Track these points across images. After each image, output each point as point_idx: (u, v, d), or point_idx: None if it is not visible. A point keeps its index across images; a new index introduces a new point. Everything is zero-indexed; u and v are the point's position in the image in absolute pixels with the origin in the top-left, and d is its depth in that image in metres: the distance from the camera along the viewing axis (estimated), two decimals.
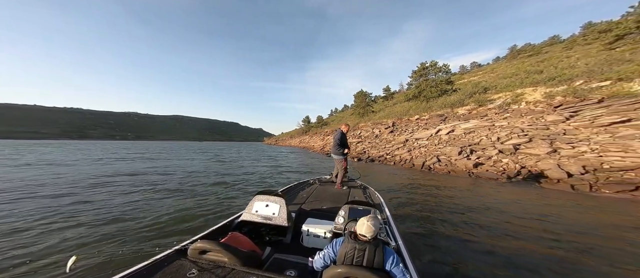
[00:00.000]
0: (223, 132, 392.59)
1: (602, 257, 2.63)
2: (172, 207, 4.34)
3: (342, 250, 1.46)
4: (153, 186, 6.29)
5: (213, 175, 8.54)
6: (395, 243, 1.98)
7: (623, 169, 6.14)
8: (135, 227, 3.38)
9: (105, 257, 2.25)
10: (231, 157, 17.84)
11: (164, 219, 3.70)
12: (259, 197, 2.42)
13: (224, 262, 1.57)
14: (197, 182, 7.17)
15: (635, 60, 11.50)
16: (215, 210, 4.26)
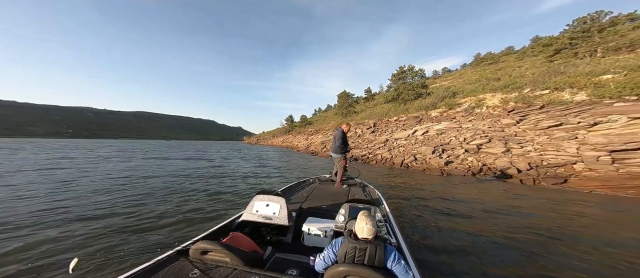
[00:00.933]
0: (197, 131, 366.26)
1: (527, 228, 3.43)
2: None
3: (342, 250, 1.47)
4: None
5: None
6: (395, 241, 2.01)
7: (557, 165, 7.58)
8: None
9: (106, 259, 2.26)
10: (197, 158, 16.56)
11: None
12: (259, 197, 2.43)
13: (226, 262, 1.57)
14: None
15: (566, 72, 13.92)
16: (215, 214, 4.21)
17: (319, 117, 52.32)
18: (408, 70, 21.79)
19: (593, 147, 7.62)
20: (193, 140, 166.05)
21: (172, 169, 10.05)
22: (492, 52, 40.03)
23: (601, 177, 6.50)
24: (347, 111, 28.56)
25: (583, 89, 11.19)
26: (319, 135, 30.47)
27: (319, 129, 33.64)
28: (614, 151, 7.16)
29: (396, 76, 22.56)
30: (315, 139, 28.43)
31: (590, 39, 18.01)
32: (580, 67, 14.19)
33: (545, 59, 20.23)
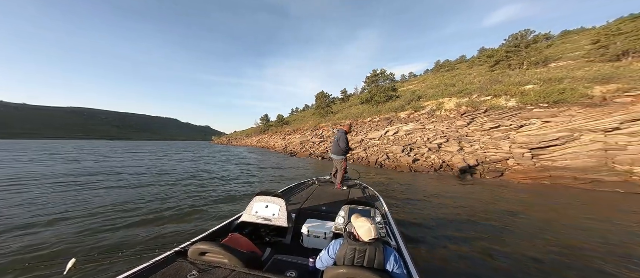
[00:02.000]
0: (155, 130, 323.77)
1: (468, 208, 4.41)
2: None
3: (341, 252, 1.48)
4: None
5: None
6: (395, 243, 2.01)
7: (496, 161, 9.36)
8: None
9: (104, 259, 2.24)
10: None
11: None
12: (259, 198, 2.41)
13: (225, 264, 1.56)
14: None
15: (503, 81, 16.87)
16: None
17: (296, 116, 52.09)
18: (380, 74, 23.51)
19: (520, 146, 9.63)
20: (149, 140, 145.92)
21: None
22: (449, 60, 45.75)
23: (525, 170, 8.32)
24: (325, 111, 29.29)
25: (514, 97, 13.81)
26: (297, 135, 30.51)
27: (297, 129, 33.62)
28: (533, 149, 9.19)
29: (370, 79, 24.12)
30: (294, 139, 28.43)
31: (519, 53, 22.05)
32: (512, 77, 17.37)
33: (488, 68, 24.07)
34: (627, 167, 7.05)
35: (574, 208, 5.02)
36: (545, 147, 9.01)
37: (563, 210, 4.92)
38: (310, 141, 23.30)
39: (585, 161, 7.73)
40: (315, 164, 13.59)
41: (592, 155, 7.80)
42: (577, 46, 25.14)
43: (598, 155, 7.71)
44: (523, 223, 4.02)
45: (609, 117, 8.96)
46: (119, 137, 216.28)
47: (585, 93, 11.32)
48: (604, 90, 11.29)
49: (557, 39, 34.45)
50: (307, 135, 26.66)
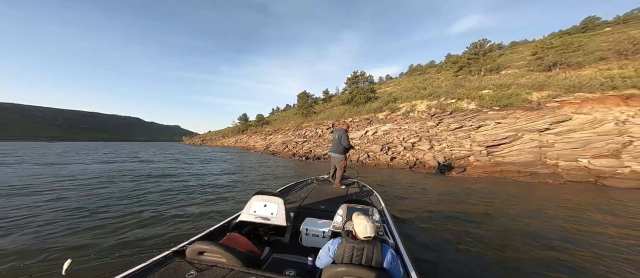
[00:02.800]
0: (111, 130, 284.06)
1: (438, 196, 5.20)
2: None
3: (340, 250, 1.50)
4: None
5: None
6: (393, 241, 2.03)
7: (460, 158, 10.72)
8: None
9: (101, 259, 2.20)
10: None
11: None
12: (257, 197, 2.40)
13: (223, 263, 1.56)
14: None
15: (465, 86, 19.09)
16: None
17: (277, 116, 51.10)
18: (360, 75, 24.54)
19: (478, 144, 11.17)
20: (103, 141, 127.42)
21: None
22: (421, 65, 49.57)
23: (482, 165, 9.73)
24: (307, 111, 29.46)
25: (473, 100, 15.79)
26: (278, 135, 30.11)
27: (278, 128, 33.14)
28: (488, 146, 10.76)
29: (351, 80, 25.01)
30: (275, 139, 28.04)
31: (478, 60, 25.05)
32: (472, 82, 19.73)
33: (453, 73, 26.84)
34: (554, 161, 8.78)
35: (515, 198, 6.19)
36: (497, 145, 10.63)
37: (505, 198, 6.04)
38: (292, 141, 23.30)
39: (526, 157, 9.38)
40: (299, 164, 13.78)
41: (530, 152, 9.50)
42: (521, 56, 29.49)
43: (534, 152, 9.42)
44: (475, 210, 4.86)
45: (541, 119, 10.94)
46: (63, 137, 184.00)
47: (526, 98, 13.53)
48: (539, 95, 13.63)
49: (507, 48, 39.87)
50: (289, 135, 26.54)
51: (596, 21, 37.41)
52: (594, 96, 11.42)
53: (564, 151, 9.01)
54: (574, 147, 9.03)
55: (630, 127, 8.93)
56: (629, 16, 35.14)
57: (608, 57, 17.69)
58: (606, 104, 10.69)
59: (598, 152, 8.45)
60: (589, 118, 10.12)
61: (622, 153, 8.12)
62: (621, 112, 9.94)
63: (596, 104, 10.88)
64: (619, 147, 8.30)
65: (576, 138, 9.37)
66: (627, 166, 7.59)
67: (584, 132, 9.49)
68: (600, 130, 9.30)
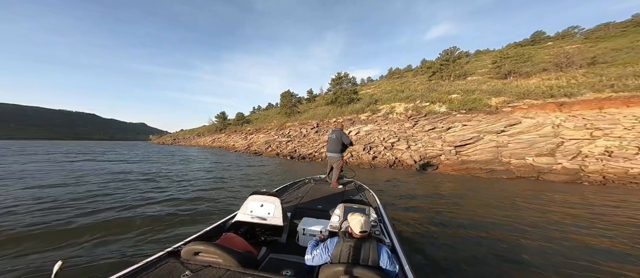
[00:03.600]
0: (59, 128, 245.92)
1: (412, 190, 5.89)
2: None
3: (336, 249, 1.52)
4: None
5: None
6: (389, 241, 2.05)
7: (433, 157, 11.87)
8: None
9: (93, 261, 2.10)
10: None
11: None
12: (254, 197, 2.39)
13: (219, 263, 1.54)
14: None
15: (437, 90, 20.91)
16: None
17: (259, 115, 49.68)
18: (344, 76, 25.21)
19: (448, 144, 12.47)
20: (46, 139, 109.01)
21: None
22: (399, 68, 52.45)
23: (451, 163, 10.95)
24: (291, 111, 29.29)
25: (444, 104, 17.44)
26: (260, 134, 29.47)
27: (259, 128, 32.37)
28: (456, 146, 12.09)
29: (335, 81, 25.54)
30: (257, 139, 27.42)
31: (448, 66, 27.50)
32: (444, 87, 21.68)
33: (427, 78, 29.07)
34: (507, 159, 10.29)
35: (475, 191, 7.21)
36: (464, 145, 12.01)
37: (468, 191, 7.01)
38: (276, 140, 23.08)
39: (486, 155, 10.81)
40: (285, 163, 13.83)
41: (489, 151, 10.96)
42: (484, 64, 33.08)
43: (493, 151, 10.90)
44: (445, 201, 5.61)
45: (498, 122, 12.63)
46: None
47: (487, 103, 15.41)
48: (497, 101, 15.63)
49: (473, 56, 44.28)
50: (272, 135, 26.18)
51: (542, 35, 43.50)
52: (538, 103, 13.53)
53: (515, 150, 10.61)
54: (522, 147, 10.68)
55: (562, 130, 10.86)
56: (566, 32, 41.54)
57: (549, 68, 20.88)
58: (546, 109, 12.75)
59: (539, 151, 10.14)
60: (534, 122, 12.00)
61: (556, 152, 9.89)
62: (556, 117, 11.98)
63: (539, 110, 12.92)
64: (554, 147, 10.08)
65: (524, 139, 11.07)
66: (559, 163, 9.29)
67: (530, 134, 11.25)
68: (541, 132, 11.13)
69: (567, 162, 9.28)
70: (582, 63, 19.71)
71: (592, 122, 10.80)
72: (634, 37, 24.82)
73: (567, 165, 9.10)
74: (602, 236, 3.74)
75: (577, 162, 9.17)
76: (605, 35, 30.92)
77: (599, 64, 19.29)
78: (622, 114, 10.65)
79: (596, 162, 8.90)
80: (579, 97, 12.86)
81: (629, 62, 16.87)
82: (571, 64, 19.75)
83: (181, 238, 1.93)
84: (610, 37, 29.24)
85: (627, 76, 13.44)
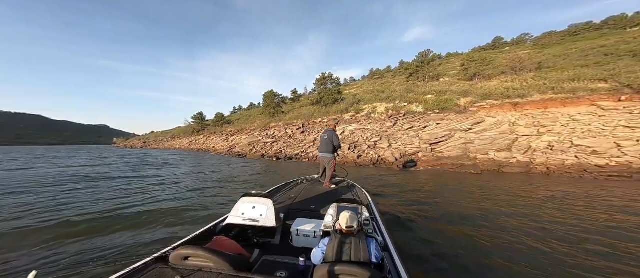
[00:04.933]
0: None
1: (392, 185, 6.53)
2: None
3: (329, 247, 1.56)
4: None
5: None
6: (382, 239, 2.06)
7: (411, 154, 12.88)
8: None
9: (71, 270, 1.97)
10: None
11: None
12: (245, 199, 2.34)
13: (210, 267, 1.50)
14: None
15: (414, 91, 22.45)
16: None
17: (240, 115, 47.86)
18: (328, 77, 25.62)
19: (425, 142, 13.62)
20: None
21: None
22: (380, 69, 54.60)
23: (428, 160, 12.03)
24: (275, 111, 28.87)
25: (421, 104, 18.86)
26: (243, 135, 28.62)
27: (241, 128, 31.37)
28: (432, 143, 13.28)
29: (319, 81, 25.83)
30: (240, 140, 26.63)
31: (424, 68, 29.55)
32: (420, 88, 23.33)
33: (405, 79, 30.91)
34: (474, 155, 11.66)
35: (446, 184, 8.16)
36: (438, 143, 13.24)
37: (440, 183, 7.92)
38: (260, 141, 22.71)
39: (456, 152, 12.09)
40: (272, 165, 13.81)
41: (459, 148, 12.28)
42: (454, 66, 36.17)
43: (462, 148, 12.23)
44: (425, 194, 6.33)
45: (466, 121, 14.13)
46: None
47: (457, 103, 17.06)
48: (465, 101, 17.38)
49: (444, 59, 47.96)
50: (255, 135, 25.64)
51: (501, 41, 48.76)
52: (497, 103, 15.40)
53: (480, 147, 12.04)
54: (486, 143, 12.16)
55: (517, 128, 12.61)
56: (519, 39, 47.24)
57: (506, 71, 23.67)
58: (504, 109, 14.61)
59: (499, 147, 11.67)
60: (495, 120, 13.69)
61: (512, 147, 11.49)
62: (512, 116, 13.82)
63: (498, 109, 14.74)
64: (511, 143, 11.69)
65: (487, 136, 12.60)
66: (515, 157, 10.83)
67: (492, 132, 12.84)
68: (501, 130, 12.78)
69: (521, 155, 10.86)
70: (532, 67, 22.74)
71: (539, 120, 12.71)
72: (569, 46, 29.27)
73: (521, 159, 10.67)
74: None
75: (528, 156, 10.79)
76: (549, 43, 35.87)
77: (544, 68, 22.44)
78: (560, 112, 12.71)
79: (542, 155, 10.58)
80: (529, 98, 14.94)
81: (565, 67, 19.97)
82: (524, 68, 22.65)
83: (168, 244, 1.85)
84: (552, 45, 34.05)
85: (564, 80, 15.97)
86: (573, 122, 11.84)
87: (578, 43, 29.73)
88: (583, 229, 3.96)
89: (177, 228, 3.86)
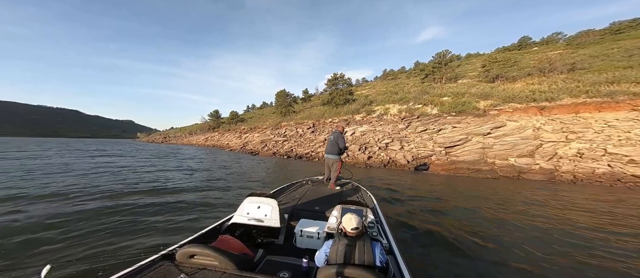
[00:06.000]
0: (36, 123, 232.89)
1: (405, 187, 6.42)
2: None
3: (332, 249, 1.54)
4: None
5: None
6: (387, 242, 2.05)
7: (424, 157, 12.54)
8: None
9: (83, 264, 2.05)
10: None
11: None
12: (250, 199, 2.38)
13: (215, 266, 1.53)
14: None
15: (429, 92, 21.73)
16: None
17: (253, 114, 49.46)
18: (340, 77, 25.67)
19: (439, 145, 13.18)
20: (19, 136, 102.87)
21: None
22: (393, 70, 53.48)
23: (442, 163, 11.64)
24: (286, 110, 29.48)
25: (436, 106, 18.22)
26: (255, 133, 29.53)
27: (254, 127, 32.38)
28: (447, 147, 12.82)
29: (331, 81, 25.97)
30: (252, 138, 27.50)
31: (441, 69, 28.46)
32: (436, 89, 22.53)
33: (420, 80, 29.98)
34: (492, 160, 11.08)
35: (460, 188, 7.86)
36: (453, 146, 12.75)
37: (456, 188, 7.65)
38: (272, 140, 23.29)
39: (473, 156, 11.56)
40: (283, 163, 14.15)
41: (476, 152, 11.73)
42: (474, 67, 34.42)
43: (479, 152, 11.67)
44: (439, 198, 6.19)
45: (485, 125, 13.45)
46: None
47: (475, 106, 16.27)
48: (484, 104, 16.53)
49: (464, 60, 45.78)
50: (267, 134, 26.34)
51: (528, 40, 45.48)
52: (521, 106, 14.47)
53: (499, 152, 11.41)
54: (506, 148, 11.50)
55: (542, 133, 11.76)
56: (550, 38, 43.65)
57: (533, 73, 22.11)
58: (528, 113, 13.69)
59: (521, 152, 10.98)
60: (517, 125, 12.88)
61: (535, 153, 10.75)
62: (537, 120, 12.91)
63: (522, 113, 13.84)
64: (534, 149, 10.94)
65: (508, 141, 11.90)
66: (537, 164, 10.13)
67: (513, 136, 12.10)
68: (523, 134, 12.00)
69: (544, 162, 10.14)
70: (563, 69, 21.00)
71: (568, 126, 11.76)
72: (610, 45, 26.56)
73: (544, 166, 9.95)
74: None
75: (552, 163, 10.04)
76: (585, 42, 32.77)
77: (577, 70, 20.62)
78: (593, 118, 11.66)
79: (569, 162, 9.79)
80: (558, 101, 13.87)
81: (604, 69, 18.20)
82: (553, 70, 21.00)
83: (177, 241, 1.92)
84: (590, 44, 31.10)
85: (601, 83, 14.59)
86: (609, 129, 10.81)
87: (621, 42, 26.85)
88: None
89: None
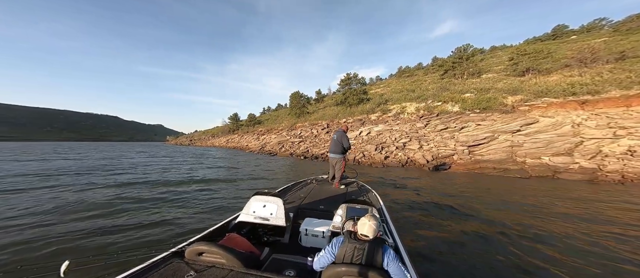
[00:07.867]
0: (81, 129, 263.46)
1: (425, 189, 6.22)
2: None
3: (341, 250, 1.53)
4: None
5: None
6: (392, 241, 2.08)
7: (445, 156, 11.99)
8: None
9: (99, 261, 2.20)
10: None
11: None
12: (256, 198, 2.42)
13: (222, 264, 1.57)
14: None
15: (449, 89, 20.68)
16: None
17: (268, 116, 51.16)
18: (353, 77, 25.58)
19: (461, 144, 12.52)
20: (72, 141, 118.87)
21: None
22: (409, 67, 51.69)
23: (464, 163, 11.04)
24: (301, 111, 30.06)
25: (457, 103, 17.29)
26: (272, 135, 30.50)
27: (270, 128, 33.45)
28: (470, 146, 12.12)
29: (344, 81, 25.98)
30: (270, 139, 28.45)
31: (461, 64, 26.92)
32: (456, 85, 21.38)
33: (439, 77, 28.63)
34: (522, 159, 10.24)
35: (490, 189, 7.40)
36: (477, 145, 12.02)
37: (485, 189, 7.22)
38: (288, 141, 23.89)
39: (500, 155, 10.79)
40: (300, 163, 14.50)
41: (503, 151, 10.93)
42: (500, 61, 31.92)
43: (507, 150, 10.86)
44: (463, 200, 5.93)
45: (514, 122, 12.47)
46: (17, 137, 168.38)
47: (502, 102, 15.15)
48: (513, 99, 15.31)
49: (488, 53, 42.71)
50: (284, 135, 27.07)
51: (564, 29, 41.03)
52: (557, 101, 13.17)
53: (531, 150, 10.51)
54: (538, 146, 10.55)
55: (583, 129, 10.59)
56: (592, 25, 38.90)
57: (571, 64, 19.92)
58: (566, 108, 12.41)
59: (556, 150, 9.99)
60: (552, 121, 11.75)
61: (574, 151, 9.71)
62: (577, 116, 11.66)
63: (559, 108, 12.59)
64: (572, 147, 9.89)
65: (541, 138, 10.91)
66: (577, 162, 9.14)
67: (547, 133, 11.06)
68: (560, 131, 10.91)
69: (586, 161, 9.11)
70: (609, 58, 18.64)
71: (617, 121, 10.45)
72: None
73: (585, 165, 8.95)
74: None
75: (595, 162, 8.99)
76: (637, 27, 28.73)
77: (628, 58, 18.17)
78: None
79: (617, 161, 8.69)
80: (603, 94, 12.38)
81: None
82: (597, 60, 18.74)
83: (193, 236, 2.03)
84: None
85: None
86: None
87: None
88: None
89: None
